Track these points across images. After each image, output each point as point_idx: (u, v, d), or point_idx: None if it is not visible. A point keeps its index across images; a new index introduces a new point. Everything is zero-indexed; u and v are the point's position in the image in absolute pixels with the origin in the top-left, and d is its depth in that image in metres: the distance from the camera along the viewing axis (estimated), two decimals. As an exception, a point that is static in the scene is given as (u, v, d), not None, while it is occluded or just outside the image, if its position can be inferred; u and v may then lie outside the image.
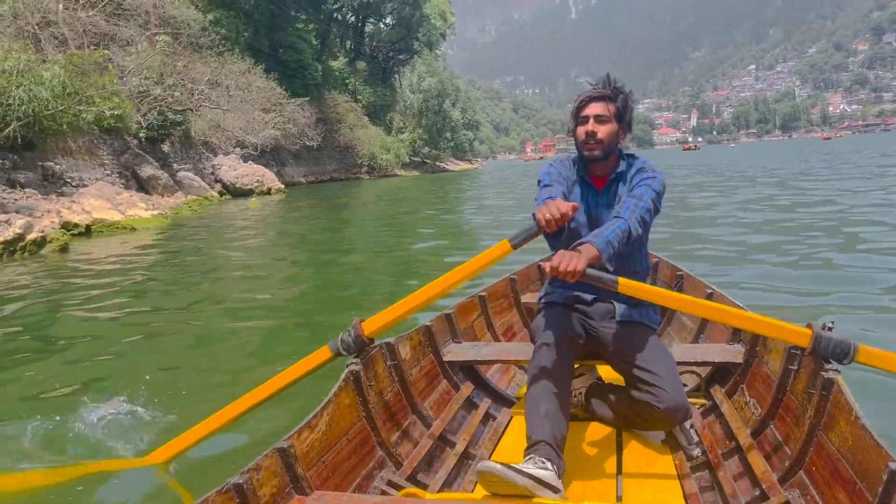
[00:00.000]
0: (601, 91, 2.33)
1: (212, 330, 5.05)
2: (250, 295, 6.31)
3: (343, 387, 2.05)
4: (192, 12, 23.59)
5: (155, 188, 19.78)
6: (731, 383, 2.56)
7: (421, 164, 59.44)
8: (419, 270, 7.32)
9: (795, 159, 36.04)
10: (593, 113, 2.29)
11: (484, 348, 2.86)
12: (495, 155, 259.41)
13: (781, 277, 5.77)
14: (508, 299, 3.70)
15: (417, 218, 14.42)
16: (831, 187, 15.07)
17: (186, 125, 21.81)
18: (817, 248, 7.14)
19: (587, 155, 2.33)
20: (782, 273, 5.98)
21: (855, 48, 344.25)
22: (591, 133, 2.28)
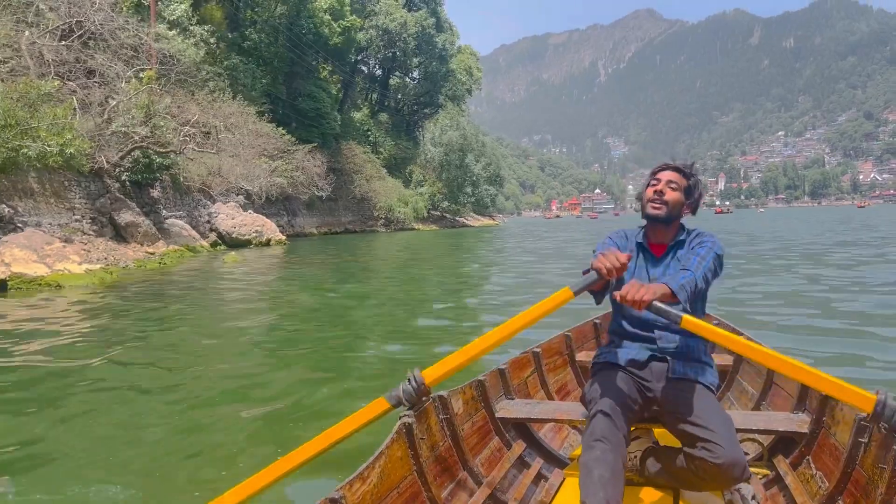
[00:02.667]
0: (675, 166, 2.43)
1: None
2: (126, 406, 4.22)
3: (395, 439, 2.04)
4: (183, 46, 22.14)
5: (133, 236, 18.02)
6: (796, 454, 2.50)
7: (440, 218, 57.77)
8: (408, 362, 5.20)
9: (857, 228, 33.56)
10: (666, 178, 2.39)
11: (537, 406, 2.83)
12: (520, 211, 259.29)
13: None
14: (563, 356, 3.62)
15: (427, 283, 12.37)
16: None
17: (175, 169, 20.13)
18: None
19: (651, 213, 2.38)
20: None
21: (885, 118, 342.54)
22: (660, 192, 2.36)
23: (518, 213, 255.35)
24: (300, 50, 42.75)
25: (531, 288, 10.38)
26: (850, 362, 4.92)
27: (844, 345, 5.55)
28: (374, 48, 59.00)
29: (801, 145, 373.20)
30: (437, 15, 62.16)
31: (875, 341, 5.67)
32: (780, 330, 6.15)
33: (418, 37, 57.81)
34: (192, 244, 20.97)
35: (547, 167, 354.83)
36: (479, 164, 59.72)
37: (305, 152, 33.27)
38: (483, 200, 63.36)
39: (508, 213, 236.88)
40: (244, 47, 40.28)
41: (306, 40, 42.86)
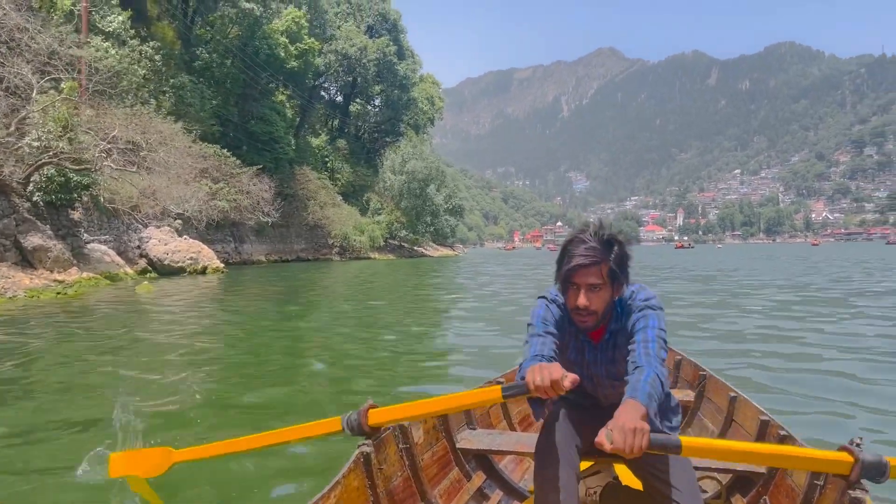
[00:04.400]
0: (591, 255, 2.04)
1: None
2: None
3: (353, 468, 2.02)
4: (115, 59, 20.50)
5: (42, 262, 16.22)
6: (753, 494, 2.50)
7: (398, 247, 56.35)
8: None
9: (825, 265, 33.12)
10: (585, 282, 2.06)
11: (499, 437, 2.79)
12: (483, 242, 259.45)
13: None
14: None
15: (369, 317, 10.95)
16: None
17: (96, 189, 18.39)
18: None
19: (579, 326, 2.14)
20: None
21: (836, 159, 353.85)
22: (584, 308, 2.06)
23: (481, 243, 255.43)
24: (254, 71, 41.33)
25: (470, 326, 9.09)
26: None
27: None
28: (333, 73, 57.99)
29: (756, 183, 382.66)
30: (399, 43, 61.53)
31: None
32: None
33: (379, 63, 56.96)
34: (113, 271, 19.17)
35: (510, 199, 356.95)
36: (441, 194, 58.61)
37: (251, 176, 31.58)
38: (443, 230, 62.16)
39: (471, 244, 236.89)
40: (195, 66, 38.76)
41: (261, 62, 41.49)
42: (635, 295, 2.16)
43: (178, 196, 22.45)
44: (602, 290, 2.07)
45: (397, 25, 62.59)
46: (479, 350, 7.28)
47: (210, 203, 26.50)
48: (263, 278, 23.05)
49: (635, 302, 2.14)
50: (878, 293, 14.61)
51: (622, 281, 2.11)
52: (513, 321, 9.87)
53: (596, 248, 2.05)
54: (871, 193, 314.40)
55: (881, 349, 7.06)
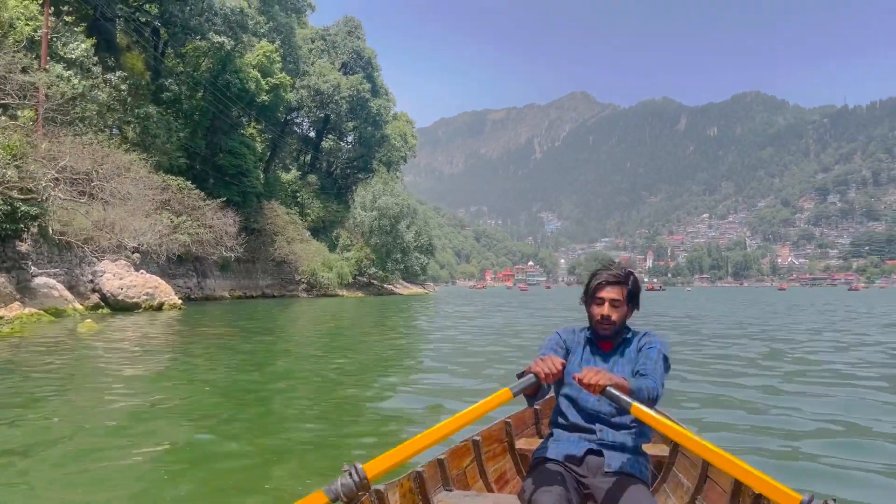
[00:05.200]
0: (617, 275, 2.55)
1: None
2: None
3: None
4: (54, 79, 19.71)
5: (-20, 295, 15.32)
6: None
7: (367, 284, 55.56)
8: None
9: (808, 310, 33.09)
10: (609, 297, 2.53)
11: (475, 499, 2.80)
12: (455, 280, 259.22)
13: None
14: (503, 444, 3.55)
15: (327, 358, 10.27)
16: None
17: (44, 220, 17.54)
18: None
19: (602, 334, 2.58)
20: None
21: (801, 205, 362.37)
22: (607, 316, 2.53)
23: (453, 281, 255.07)
24: (224, 104, 40.85)
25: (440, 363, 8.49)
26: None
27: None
28: (305, 108, 57.74)
29: (724, 227, 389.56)
30: (373, 80, 61.66)
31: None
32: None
33: (352, 100, 56.87)
34: (61, 307, 18.24)
35: (482, 238, 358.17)
36: (411, 231, 58.15)
37: (215, 209, 30.80)
38: (413, 268, 61.56)
39: (443, 282, 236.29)
40: (163, 98, 38.17)
41: (231, 95, 41.05)
42: (651, 334, 2.62)
43: (135, 228, 21.58)
44: (621, 307, 2.54)
45: (372, 63, 62.80)
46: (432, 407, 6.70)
47: (171, 236, 25.64)
48: (222, 316, 22.19)
49: (651, 336, 2.60)
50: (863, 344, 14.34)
51: (635, 304, 2.60)
52: (477, 371, 9.30)
53: (619, 274, 2.55)
54: (835, 240, 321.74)
55: (866, 404, 6.63)
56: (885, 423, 5.90)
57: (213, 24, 37.78)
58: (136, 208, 23.11)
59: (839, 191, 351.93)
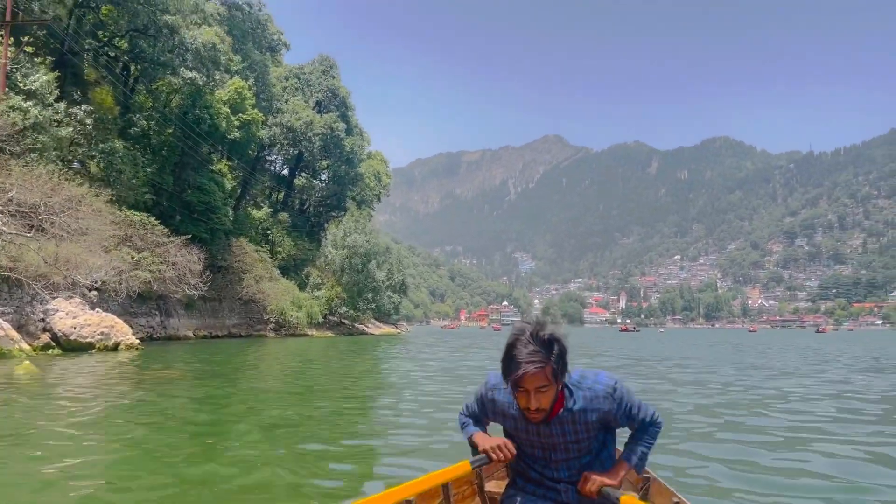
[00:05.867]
0: (535, 361, 2.22)
1: None
2: None
3: None
4: (7, 109, 19.01)
5: (-85, 334, 14.37)
6: None
7: (338, 324, 54.56)
8: None
9: (792, 352, 32.84)
10: (533, 387, 2.25)
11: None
12: (429, 320, 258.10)
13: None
14: (472, 486, 3.46)
15: (286, 403, 9.55)
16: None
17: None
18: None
19: (534, 420, 2.36)
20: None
21: (770, 248, 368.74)
22: (535, 409, 2.29)
23: (427, 321, 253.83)
24: (194, 140, 40.27)
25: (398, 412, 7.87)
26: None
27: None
28: (278, 146, 57.35)
29: (695, 269, 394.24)
30: (347, 119, 61.63)
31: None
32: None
33: (325, 138, 56.63)
34: (6, 346, 17.27)
35: (457, 277, 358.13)
36: (382, 270, 57.46)
37: (179, 246, 29.95)
38: (385, 307, 60.73)
39: (417, 321, 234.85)
40: (131, 133, 37.48)
41: (201, 131, 40.52)
42: (584, 380, 2.38)
43: (91, 265, 20.71)
44: (548, 390, 2.26)
45: (346, 102, 62.85)
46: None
47: (131, 273, 24.73)
48: (181, 357, 21.25)
49: (593, 386, 2.36)
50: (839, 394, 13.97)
51: (564, 374, 2.31)
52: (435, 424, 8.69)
53: (538, 351, 2.21)
54: (803, 283, 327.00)
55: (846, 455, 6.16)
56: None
57: (185, 59, 37.42)
58: (94, 244, 22.25)
59: (806, 234, 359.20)
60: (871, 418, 9.17)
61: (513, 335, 2.28)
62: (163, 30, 35.56)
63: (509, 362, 2.24)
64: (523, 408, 2.30)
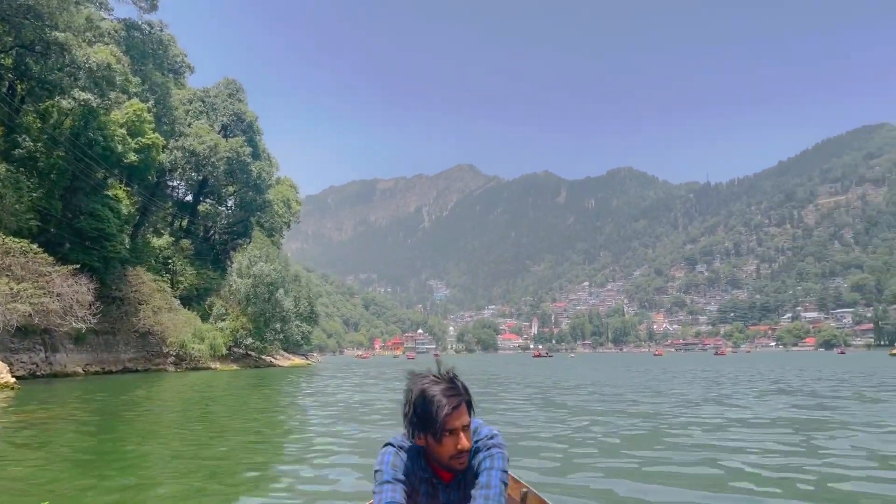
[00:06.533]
0: (456, 394, 2.15)
1: None
2: None
3: None
4: None
5: None
6: None
7: (244, 356, 52.45)
8: None
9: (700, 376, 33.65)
10: (461, 424, 2.14)
11: None
12: (343, 349, 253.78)
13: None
14: None
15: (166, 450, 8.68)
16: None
17: None
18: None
19: (458, 469, 2.18)
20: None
21: (672, 274, 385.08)
22: (465, 449, 2.14)
23: (341, 350, 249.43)
24: (86, 164, 38.05)
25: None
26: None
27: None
28: (180, 171, 55.16)
29: (603, 295, 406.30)
30: (254, 144, 60.10)
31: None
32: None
33: (231, 162, 54.92)
34: None
35: (371, 306, 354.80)
36: (290, 298, 55.84)
37: (66, 276, 27.94)
38: (293, 338, 58.96)
39: (330, 351, 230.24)
40: (15, 155, 35.03)
41: (95, 154, 38.36)
42: (479, 430, 2.21)
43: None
44: (468, 428, 2.14)
45: (253, 127, 61.35)
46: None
47: (8, 306, 22.78)
48: (62, 397, 19.62)
49: (481, 438, 2.18)
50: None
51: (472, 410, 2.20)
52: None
53: (454, 386, 2.13)
54: (704, 307, 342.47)
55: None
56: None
57: (77, 79, 35.46)
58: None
59: (706, 261, 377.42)
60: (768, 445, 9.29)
61: (417, 384, 2.17)
62: (52, 47, 33.66)
63: (430, 406, 2.09)
64: (453, 454, 2.12)
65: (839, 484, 6.17)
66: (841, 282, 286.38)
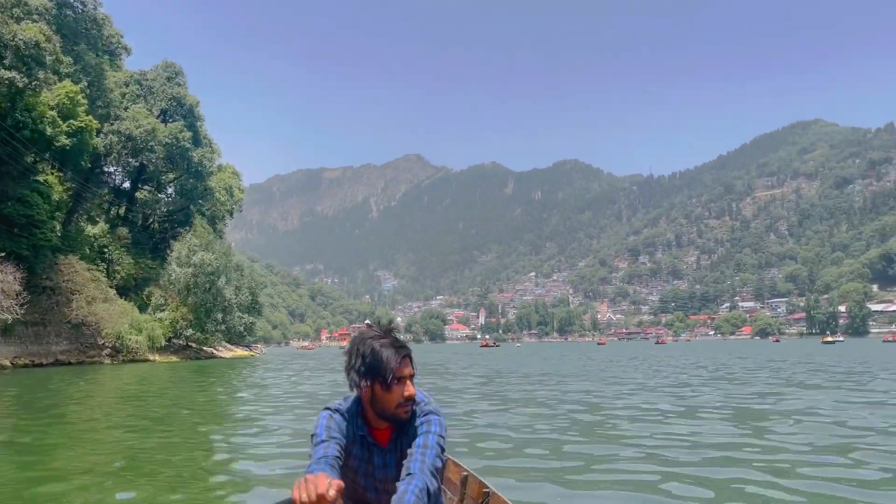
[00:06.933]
0: (403, 345, 2.25)
1: None
2: None
3: None
4: None
5: None
6: None
7: (184, 347, 50.98)
8: None
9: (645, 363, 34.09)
10: (410, 373, 2.23)
11: None
12: (289, 341, 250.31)
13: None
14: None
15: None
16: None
17: None
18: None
19: (403, 418, 2.24)
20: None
21: (616, 265, 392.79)
22: (412, 396, 2.22)
23: (287, 342, 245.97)
24: (13, 147, 36.23)
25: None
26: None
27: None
28: (115, 156, 53.12)
29: (549, 285, 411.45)
30: (195, 129, 58.26)
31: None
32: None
33: (170, 148, 53.14)
34: None
35: (318, 296, 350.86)
36: (231, 288, 54.50)
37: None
38: (236, 329, 57.64)
39: (275, 343, 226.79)
40: (-66, 136, 33.15)
41: (23, 137, 36.56)
42: (426, 409, 2.26)
43: None
44: (413, 378, 2.24)
45: (194, 112, 59.41)
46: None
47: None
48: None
49: (427, 412, 2.24)
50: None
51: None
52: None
53: (399, 339, 2.24)
54: (646, 297, 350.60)
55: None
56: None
57: (3, 57, 33.68)
58: None
59: (648, 252, 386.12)
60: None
61: (366, 337, 2.24)
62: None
63: (379, 356, 2.16)
64: (401, 402, 2.19)
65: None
66: (776, 272, 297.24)
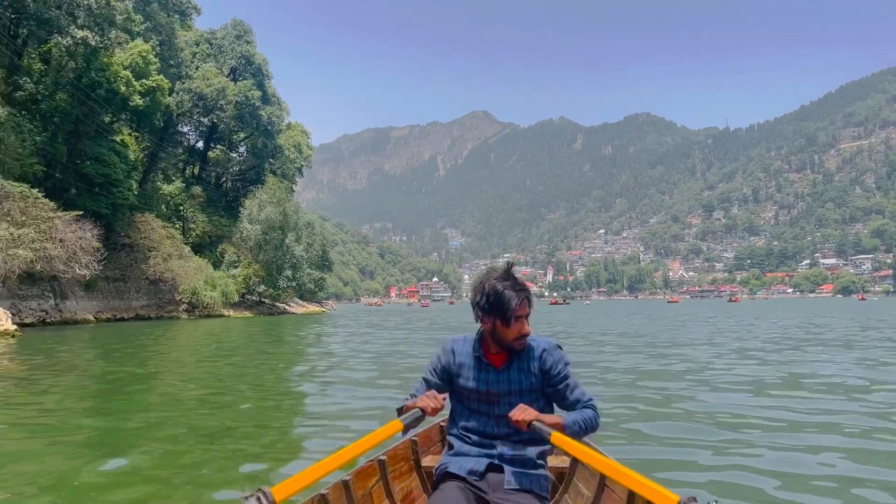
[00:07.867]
0: (525, 289, 2.45)
1: None
2: None
3: None
4: None
5: None
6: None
7: (257, 303, 52.06)
8: None
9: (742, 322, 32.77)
10: (526, 313, 2.44)
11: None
12: (359, 297, 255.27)
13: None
14: (409, 462, 3.48)
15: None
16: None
17: None
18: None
19: (518, 349, 2.47)
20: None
21: (689, 221, 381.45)
22: (527, 333, 2.45)
23: (357, 298, 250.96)
24: (90, 107, 36.96)
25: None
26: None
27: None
28: (187, 115, 53.92)
29: (619, 243, 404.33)
30: (264, 88, 58.54)
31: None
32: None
33: (240, 107, 53.55)
34: None
35: (387, 254, 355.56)
36: (301, 244, 55.08)
37: (69, 222, 27.19)
38: (305, 285, 58.45)
39: (346, 299, 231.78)
40: (16, 98, 34.02)
41: (98, 97, 37.22)
42: (545, 343, 2.52)
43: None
44: (528, 317, 2.47)
45: (262, 70, 59.66)
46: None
47: (8, 252, 22.11)
48: (71, 345, 19.05)
49: (549, 347, 2.50)
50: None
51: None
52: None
53: (518, 281, 2.45)
54: (721, 254, 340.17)
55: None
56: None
57: (76, 17, 34.09)
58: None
59: (723, 207, 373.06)
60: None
61: (489, 277, 2.44)
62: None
63: (502, 296, 2.37)
64: (517, 336, 2.40)
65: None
66: (861, 227, 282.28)
